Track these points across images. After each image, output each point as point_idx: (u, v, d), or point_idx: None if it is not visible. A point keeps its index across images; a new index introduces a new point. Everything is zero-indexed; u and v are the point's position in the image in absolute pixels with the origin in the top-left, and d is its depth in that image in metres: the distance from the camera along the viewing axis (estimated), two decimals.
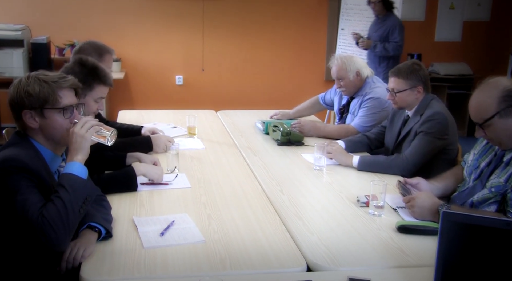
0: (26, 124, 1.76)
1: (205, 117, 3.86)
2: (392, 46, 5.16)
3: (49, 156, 1.80)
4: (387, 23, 5.21)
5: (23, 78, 1.78)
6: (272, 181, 2.58)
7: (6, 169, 1.63)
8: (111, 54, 2.90)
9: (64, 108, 1.77)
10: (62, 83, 1.78)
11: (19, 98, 1.74)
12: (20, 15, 5.66)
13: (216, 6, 6.06)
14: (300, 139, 3.22)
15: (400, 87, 2.77)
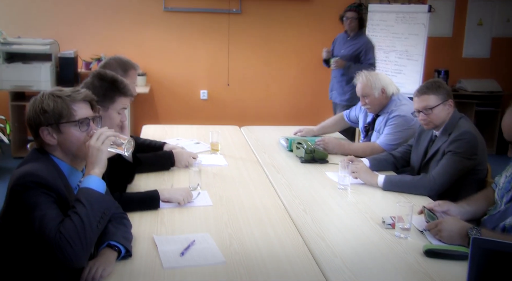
0: (45, 141, 1.75)
1: (228, 133, 3.85)
2: (367, 68, 4.89)
3: (69, 170, 1.79)
4: (359, 42, 4.99)
5: (38, 97, 1.79)
6: (295, 199, 2.54)
7: (25, 185, 1.62)
8: (135, 70, 2.91)
9: (79, 121, 1.77)
10: (75, 96, 1.78)
11: (35, 116, 1.75)
12: (49, 29, 5.77)
13: (242, 21, 6.08)
14: (324, 157, 3.18)
15: (434, 102, 2.69)
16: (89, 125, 1.80)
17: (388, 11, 5.62)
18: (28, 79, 5.26)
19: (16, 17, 5.72)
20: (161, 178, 2.76)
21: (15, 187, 1.62)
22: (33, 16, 5.78)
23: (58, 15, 5.81)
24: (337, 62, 4.96)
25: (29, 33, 5.62)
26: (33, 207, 1.60)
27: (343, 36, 5.15)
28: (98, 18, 5.88)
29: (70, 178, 1.79)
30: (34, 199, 1.61)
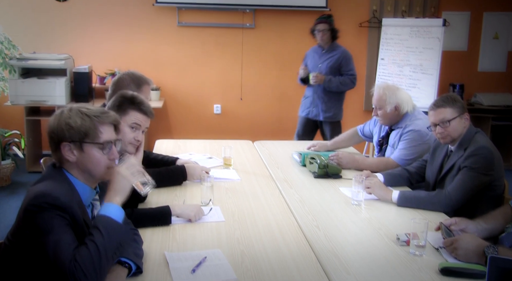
0: (63, 156, 1.74)
1: (241, 147, 3.83)
2: (349, 80, 4.84)
3: (83, 189, 1.77)
4: (337, 53, 4.85)
5: (65, 110, 1.76)
6: (308, 215, 2.51)
7: (39, 205, 1.60)
8: (149, 85, 2.92)
9: (103, 143, 1.76)
10: (104, 118, 1.77)
11: (59, 130, 1.73)
12: (64, 45, 5.84)
13: (256, 35, 6.10)
14: (338, 172, 3.14)
15: (450, 115, 2.65)
16: (111, 149, 1.79)
17: (402, 25, 5.60)
18: (43, 94, 5.32)
19: (32, 32, 5.81)
20: (173, 193, 2.75)
21: (29, 207, 1.60)
22: (48, 31, 5.86)
23: (73, 30, 5.88)
24: (317, 77, 4.77)
25: (44, 49, 5.70)
26: (47, 230, 1.58)
27: (317, 50, 4.98)
28: (112, 33, 5.94)
29: (83, 195, 1.77)
30: (48, 221, 1.59)
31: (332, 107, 4.90)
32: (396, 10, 6.02)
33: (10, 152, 5.15)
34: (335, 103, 4.92)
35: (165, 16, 5.95)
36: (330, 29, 4.84)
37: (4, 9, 5.75)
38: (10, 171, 5.11)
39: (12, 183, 5.14)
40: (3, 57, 5.09)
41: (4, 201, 4.67)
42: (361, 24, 6.06)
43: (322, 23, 4.83)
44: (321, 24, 4.83)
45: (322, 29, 4.82)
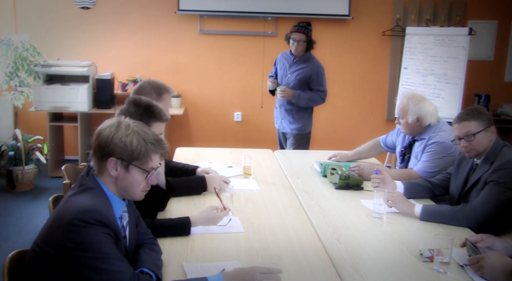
0: (106, 169, 1.74)
1: (261, 156, 3.80)
2: (320, 96, 4.47)
3: (116, 201, 1.78)
4: (309, 66, 4.44)
5: (122, 125, 1.75)
6: (329, 228, 2.46)
7: (85, 221, 1.59)
8: (169, 93, 2.91)
9: (149, 171, 1.78)
10: (158, 148, 1.79)
11: (112, 145, 1.72)
12: (88, 52, 5.91)
13: (277, 43, 6.06)
14: (359, 184, 3.09)
15: (475, 128, 2.59)
16: (152, 175, 1.80)
17: (426, 34, 5.52)
18: (66, 100, 5.38)
19: (56, 40, 5.88)
20: (192, 202, 2.73)
21: (75, 221, 1.59)
22: (72, 39, 5.92)
23: (96, 38, 5.94)
24: (285, 92, 4.40)
25: (68, 56, 5.77)
26: (95, 246, 1.59)
27: (288, 57, 4.56)
28: (135, 41, 5.99)
29: (116, 208, 1.78)
30: (96, 237, 1.60)
31: (300, 119, 4.54)
32: (420, 19, 5.94)
33: (33, 157, 5.21)
34: (302, 115, 4.55)
35: (187, 23, 5.98)
36: (307, 41, 4.40)
37: (29, 17, 5.84)
38: (33, 176, 5.17)
39: (34, 188, 5.19)
40: (28, 64, 5.17)
41: (26, 206, 4.72)
42: (384, 32, 6.00)
43: (299, 32, 4.36)
44: (298, 34, 4.36)
45: (298, 39, 4.36)
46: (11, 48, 5.06)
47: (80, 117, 5.48)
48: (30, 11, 5.86)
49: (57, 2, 5.85)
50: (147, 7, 5.91)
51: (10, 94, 5.19)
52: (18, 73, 5.14)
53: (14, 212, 4.56)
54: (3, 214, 4.50)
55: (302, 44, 4.38)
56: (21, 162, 5.04)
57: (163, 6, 5.90)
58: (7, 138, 5.41)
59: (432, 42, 5.45)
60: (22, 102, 5.27)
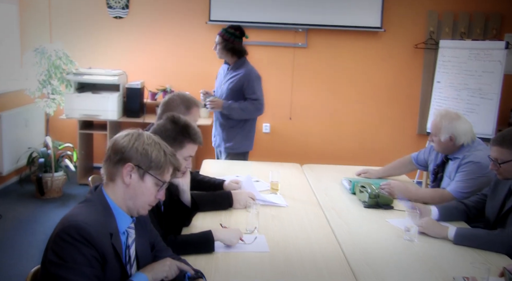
0: (121, 174, 1.72)
1: (289, 171, 3.74)
2: (253, 106, 4.03)
3: (121, 215, 1.75)
4: (240, 73, 4.06)
5: (144, 134, 1.77)
6: (357, 249, 2.39)
7: (69, 234, 1.57)
8: (198, 107, 2.89)
9: (163, 182, 1.77)
10: (175, 161, 1.80)
11: (132, 151, 1.71)
12: (119, 60, 5.96)
13: (308, 55, 6.03)
14: (389, 203, 3.01)
15: (504, 157, 2.51)
16: (163, 190, 1.79)
17: (460, 48, 5.38)
18: (96, 108, 5.42)
19: (89, 48, 5.96)
20: (218, 218, 2.69)
21: (62, 234, 1.58)
22: (104, 47, 5.99)
23: (128, 47, 6.00)
24: (213, 103, 3.99)
25: (99, 64, 5.83)
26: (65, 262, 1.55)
27: (224, 66, 4.26)
28: (165, 50, 6.02)
29: (120, 222, 1.74)
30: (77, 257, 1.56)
31: (233, 137, 4.10)
32: (455, 32, 5.80)
33: (62, 164, 5.27)
34: (236, 132, 4.11)
35: None
36: (226, 46, 4.02)
37: (63, 26, 5.93)
38: (62, 183, 5.22)
39: (63, 195, 5.25)
40: (61, 72, 5.23)
41: (54, 213, 4.76)
42: (416, 45, 5.88)
43: (218, 35, 4.07)
44: (217, 36, 4.08)
45: (216, 42, 4.08)
46: (45, 56, 5.14)
47: (110, 125, 5.52)
48: (64, 20, 5.95)
49: (91, 12, 5.94)
50: (179, 17, 5.94)
51: (42, 102, 5.26)
52: (51, 81, 5.21)
53: (43, 219, 4.61)
54: (32, 221, 4.54)
55: (219, 49, 4.04)
56: (51, 169, 5.10)
57: (194, 17, 5.92)
58: (38, 145, 5.49)
59: (466, 56, 5.31)
60: (53, 109, 5.34)
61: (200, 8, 5.91)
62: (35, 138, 5.65)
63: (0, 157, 5.10)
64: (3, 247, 3.99)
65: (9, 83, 5.39)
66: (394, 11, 5.87)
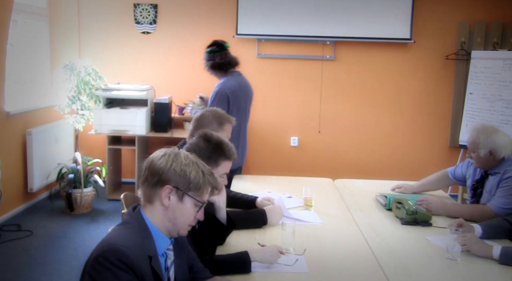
0: (159, 196, 1.68)
1: (321, 186, 3.67)
2: None
3: (160, 238, 1.71)
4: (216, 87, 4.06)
5: (181, 154, 1.73)
6: (398, 269, 2.30)
7: (108, 259, 1.53)
8: (231, 124, 2.85)
9: (202, 203, 1.73)
10: (213, 181, 1.75)
11: (170, 172, 1.67)
12: (147, 76, 5.99)
13: (336, 67, 5.97)
14: (428, 219, 2.90)
15: None
16: (201, 210, 1.75)
17: (494, 58, 5.26)
18: (124, 123, 5.44)
19: (117, 64, 6.01)
20: (253, 236, 2.63)
21: (100, 259, 1.54)
22: (133, 63, 6.03)
23: (155, 62, 6.03)
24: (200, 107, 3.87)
25: (128, 80, 5.87)
26: None
27: None
28: (192, 65, 6.01)
29: (159, 244, 1.70)
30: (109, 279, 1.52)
31: None
32: (487, 42, 5.68)
33: (91, 179, 5.29)
34: None
35: (245, 47, 5.96)
36: (207, 66, 4.06)
37: (92, 42, 6.00)
38: (91, 199, 5.23)
39: (92, 210, 5.25)
40: (90, 88, 5.28)
41: (84, 229, 4.76)
42: (447, 56, 5.77)
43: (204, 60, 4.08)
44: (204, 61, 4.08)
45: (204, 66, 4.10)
46: (74, 72, 5.19)
47: (138, 140, 5.53)
48: (93, 37, 6.02)
49: (119, 28, 5.99)
50: (206, 31, 5.95)
51: (71, 118, 5.31)
52: (80, 97, 5.25)
53: (72, 234, 4.61)
54: (61, 236, 4.55)
55: (208, 71, 4.11)
56: (80, 185, 5.11)
57: (222, 31, 5.92)
58: (67, 161, 5.53)
59: (500, 67, 5.18)
60: (82, 125, 5.38)
61: (227, 22, 5.91)
62: (64, 154, 5.69)
63: (31, 173, 5.14)
64: (34, 263, 3.99)
65: (39, 100, 5.46)
66: (424, 22, 5.78)
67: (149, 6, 5.96)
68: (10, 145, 4.92)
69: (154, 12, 5.97)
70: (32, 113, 5.27)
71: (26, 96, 5.26)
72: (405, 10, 5.67)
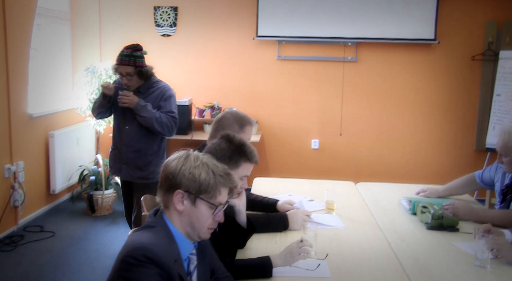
0: (172, 202, 1.66)
1: (343, 189, 3.60)
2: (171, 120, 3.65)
3: (183, 242, 1.68)
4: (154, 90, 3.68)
5: (191, 157, 1.68)
6: (424, 276, 2.22)
7: (137, 259, 1.51)
8: (251, 126, 2.81)
9: (217, 205, 1.68)
10: (227, 181, 1.69)
11: (180, 176, 1.64)
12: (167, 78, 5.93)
13: (357, 69, 5.89)
14: (454, 225, 2.81)
15: None
16: (220, 212, 1.70)
17: None
18: None
19: None
20: (273, 240, 2.58)
21: (128, 259, 1.51)
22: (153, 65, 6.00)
23: (175, 64, 6.04)
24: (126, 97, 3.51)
25: None
26: None
27: None
28: (213, 67, 6.02)
29: (182, 249, 1.67)
30: (144, 277, 1.49)
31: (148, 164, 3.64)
32: None
33: (112, 181, 5.30)
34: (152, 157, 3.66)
35: (265, 49, 5.93)
36: (137, 72, 3.54)
37: (113, 45, 6.03)
38: (112, 200, 5.24)
39: (113, 212, 5.26)
40: None
41: (105, 230, 4.77)
42: (474, 57, 5.65)
43: (123, 65, 3.51)
44: (122, 66, 3.52)
45: (125, 73, 3.53)
46: (96, 75, 5.22)
47: None
48: (114, 40, 6.04)
49: (140, 31, 6.01)
50: (226, 34, 5.94)
51: (93, 120, 5.33)
52: None
53: (93, 236, 4.62)
54: (83, 238, 4.56)
55: (132, 77, 3.54)
56: (101, 187, 5.12)
57: (242, 33, 5.90)
58: (89, 163, 5.55)
59: None
60: (104, 127, 5.39)
61: (248, 24, 5.88)
62: (86, 156, 5.72)
63: (53, 175, 5.17)
64: (56, 264, 4.00)
65: (61, 103, 5.49)
66: (449, 22, 5.67)
67: (169, 8, 5.96)
68: (33, 147, 4.96)
69: (174, 15, 5.97)
70: (55, 116, 5.31)
71: (48, 99, 5.30)
72: (429, 9, 5.57)
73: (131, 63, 3.51)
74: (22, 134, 4.74)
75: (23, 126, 4.76)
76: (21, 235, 4.55)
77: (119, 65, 3.53)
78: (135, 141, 3.63)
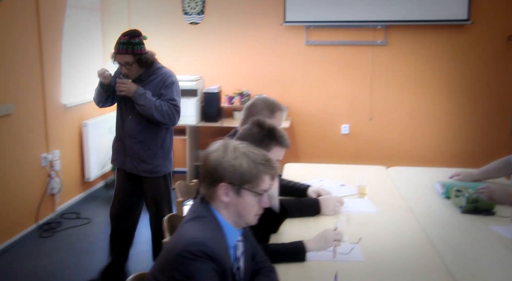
0: (217, 195, 1.68)
1: (374, 174, 3.58)
2: (172, 109, 3.36)
3: (230, 231, 1.71)
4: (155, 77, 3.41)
5: (229, 148, 1.69)
6: (460, 260, 2.20)
7: (194, 253, 1.54)
8: (282, 112, 2.82)
9: (261, 193, 1.69)
10: (268, 168, 1.70)
11: (221, 169, 1.65)
12: (196, 66, 6.03)
13: (387, 52, 5.81)
14: (490, 208, 2.77)
15: None
16: (264, 198, 1.72)
17: None
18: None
19: (167, 55, 6.05)
20: (306, 225, 2.59)
21: (184, 253, 1.55)
22: (182, 53, 6.08)
23: (204, 52, 6.06)
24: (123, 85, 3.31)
25: (178, 70, 5.89)
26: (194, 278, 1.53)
27: None
28: (241, 54, 6.01)
29: (229, 237, 1.71)
30: (202, 273, 1.53)
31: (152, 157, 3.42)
32: None
33: None
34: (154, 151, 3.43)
35: (293, 35, 5.89)
36: (137, 60, 3.28)
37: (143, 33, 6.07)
38: None
39: None
40: None
41: None
42: (510, 37, 5.48)
43: (121, 54, 3.26)
44: (120, 56, 3.26)
45: (124, 62, 3.27)
46: None
47: (189, 130, 5.58)
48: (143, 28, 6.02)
49: (168, 19, 6.05)
50: (254, 20, 5.92)
51: None
52: None
53: None
54: None
55: (131, 66, 3.28)
56: None
57: (270, 19, 5.87)
58: None
59: None
60: None
61: (275, 10, 5.85)
62: None
63: (88, 163, 5.29)
64: (93, 249, 4.11)
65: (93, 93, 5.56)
66: (482, 1, 5.52)
67: None
68: (68, 137, 5.08)
69: (202, 3, 5.98)
70: (87, 106, 5.40)
71: (80, 89, 5.39)
72: None
73: (129, 52, 3.24)
74: (57, 124, 4.85)
75: (57, 116, 4.88)
76: (59, 222, 4.68)
77: (116, 54, 3.27)
78: (137, 131, 3.38)
